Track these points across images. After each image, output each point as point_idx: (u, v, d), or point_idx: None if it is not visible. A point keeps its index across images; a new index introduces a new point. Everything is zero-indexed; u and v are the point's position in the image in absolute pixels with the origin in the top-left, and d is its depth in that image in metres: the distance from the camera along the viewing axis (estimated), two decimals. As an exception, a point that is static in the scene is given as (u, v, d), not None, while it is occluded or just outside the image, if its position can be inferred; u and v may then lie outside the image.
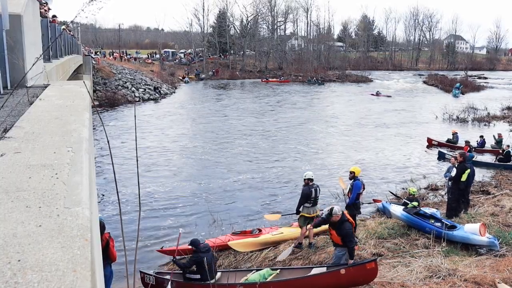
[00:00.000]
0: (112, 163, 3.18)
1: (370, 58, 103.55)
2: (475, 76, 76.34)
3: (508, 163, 18.05)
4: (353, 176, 9.76)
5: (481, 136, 22.47)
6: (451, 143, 22.19)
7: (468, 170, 10.72)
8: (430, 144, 23.04)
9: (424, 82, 69.27)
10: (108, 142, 3.33)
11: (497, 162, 18.68)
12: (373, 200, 12.96)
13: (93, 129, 25.30)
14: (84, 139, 2.06)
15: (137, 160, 3.12)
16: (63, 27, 24.55)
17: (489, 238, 8.94)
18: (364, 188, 9.88)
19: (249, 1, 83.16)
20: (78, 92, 4.13)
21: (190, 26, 78.68)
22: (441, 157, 20.60)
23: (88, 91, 2.97)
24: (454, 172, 10.87)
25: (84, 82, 4.28)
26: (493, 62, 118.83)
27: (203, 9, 75.79)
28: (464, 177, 10.61)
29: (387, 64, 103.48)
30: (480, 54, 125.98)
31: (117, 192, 3.44)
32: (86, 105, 3.25)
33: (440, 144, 22.23)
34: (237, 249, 9.37)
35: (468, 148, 20.55)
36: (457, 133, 22.97)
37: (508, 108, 37.42)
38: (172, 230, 11.33)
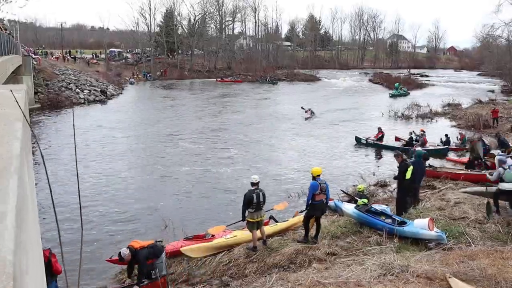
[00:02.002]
0: (47, 176, 2.91)
1: (317, 57, 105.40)
2: (417, 74, 79.48)
3: (410, 147, 19.86)
4: (313, 177, 9.49)
5: (446, 135, 23.20)
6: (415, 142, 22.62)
7: (411, 167, 10.91)
8: (398, 141, 23.30)
9: (370, 80, 71.33)
10: (42, 157, 3.01)
11: (401, 146, 21.01)
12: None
13: (33, 134, 24.09)
14: (14, 156, 1.79)
15: (76, 169, 2.89)
16: (-1, 26, 23.23)
17: (437, 232, 9.19)
18: (321, 190, 9.31)
19: (197, 0, 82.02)
20: (12, 98, 3.74)
21: (136, 25, 76.87)
22: (358, 142, 22.68)
23: (17, 101, 2.68)
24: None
25: (12, 91, 3.89)
26: (433, 61, 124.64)
27: (150, 8, 74.34)
28: (408, 175, 10.81)
29: (334, 63, 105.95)
30: (421, 53, 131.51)
31: (54, 205, 3.15)
32: (20, 113, 2.91)
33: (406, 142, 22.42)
34: (190, 255, 9.11)
35: (381, 134, 22.28)
36: (424, 132, 23.07)
37: (449, 104, 39.12)
38: (122, 238, 10.92)
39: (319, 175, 9.39)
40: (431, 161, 17.49)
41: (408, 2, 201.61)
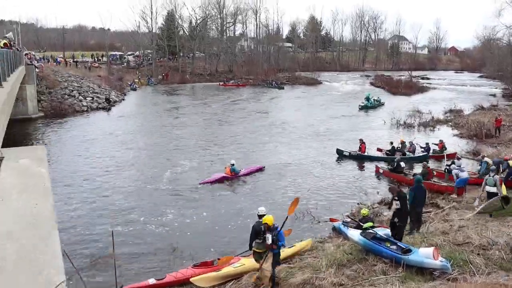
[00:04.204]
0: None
1: (318, 59, 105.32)
2: (418, 77, 79.33)
3: (392, 156, 21.46)
4: (268, 227, 9.01)
5: (427, 143, 23.67)
6: (400, 152, 23.03)
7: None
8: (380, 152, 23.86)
9: (371, 83, 71.37)
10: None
11: (384, 156, 22.29)
12: (330, 219, 13.20)
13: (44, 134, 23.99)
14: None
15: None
16: (4, 41, 23.14)
17: (442, 262, 9.31)
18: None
19: (198, 4, 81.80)
20: (37, 175, 3.96)
21: (137, 28, 76.81)
22: (340, 155, 22.71)
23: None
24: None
25: (38, 153, 4.07)
26: (434, 62, 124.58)
27: (151, 12, 74.30)
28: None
29: (335, 65, 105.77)
30: (422, 54, 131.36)
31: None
32: (50, 207, 3.08)
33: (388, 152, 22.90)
34: (199, 285, 9.26)
35: (365, 146, 22.72)
36: (404, 142, 23.85)
37: (450, 110, 39.21)
38: (129, 261, 11.07)
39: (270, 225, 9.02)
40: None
41: (408, 2, 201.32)
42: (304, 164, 21.34)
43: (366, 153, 22.69)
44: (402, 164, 18.33)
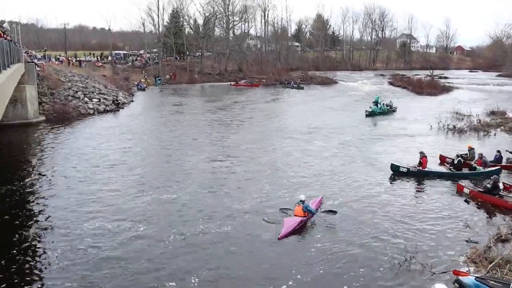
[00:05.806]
0: None
1: (328, 58, 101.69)
2: (436, 76, 75.67)
3: (460, 172, 18.43)
4: None
5: (498, 151, 20.13)
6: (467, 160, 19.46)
7: None
8: (444, 162, 20.20)
9: (390, 83, 67.76)
10: None
11: (450, 171, 18.55)
12: (454, 272, 9.40)
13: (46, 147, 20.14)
14: None
15: None
16: (-2, 31, 19.65)
17: None
18: None
19: (206, 0, 77.33)
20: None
21: (142, 26, 72.84)
22: (395, 170, 18.35)
23: None
24: None
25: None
26: (446, 61, 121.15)
27: (158, 9, 70.46)
28: None
29: (345, 64, 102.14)
30: (431, 53, 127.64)
31: None
32: None
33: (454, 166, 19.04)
34: None
35: (427, 160, 18.38)
36: (473, 148, 20.33)
37: (493, 112, 35.55)
38: None
39: None
40: None
41: (416, 1, 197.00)
42: (360, 187, 16.56)
43: (427, 168, 18.37)
44: (500, 184, 14.57)
